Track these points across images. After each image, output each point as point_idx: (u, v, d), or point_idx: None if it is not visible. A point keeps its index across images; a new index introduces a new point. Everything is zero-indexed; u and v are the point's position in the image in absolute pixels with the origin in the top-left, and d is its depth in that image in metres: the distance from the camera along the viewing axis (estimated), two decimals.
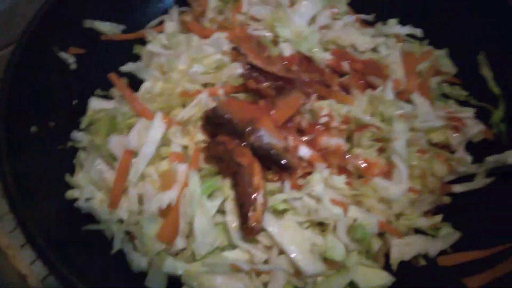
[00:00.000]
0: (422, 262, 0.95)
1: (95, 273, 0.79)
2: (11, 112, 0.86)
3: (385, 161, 1.00)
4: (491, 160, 1.02)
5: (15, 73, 0.91)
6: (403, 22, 1.25)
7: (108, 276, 0.82)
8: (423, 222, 0.98)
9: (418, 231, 0.99)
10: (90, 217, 0.92)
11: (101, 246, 0.90)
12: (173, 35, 1.20)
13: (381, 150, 1.02)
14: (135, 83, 1.13)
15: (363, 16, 1.30)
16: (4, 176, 0.76)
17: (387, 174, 0.99)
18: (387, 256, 0.96)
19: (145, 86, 1.07)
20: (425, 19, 1.24)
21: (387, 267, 0.95)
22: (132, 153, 0.93)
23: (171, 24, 1.24)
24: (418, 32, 1.23)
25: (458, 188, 1.04)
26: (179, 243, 0.88)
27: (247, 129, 0.94)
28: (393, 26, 1.23)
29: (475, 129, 1.09)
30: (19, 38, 0.95)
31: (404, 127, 0.97)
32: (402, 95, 1.10)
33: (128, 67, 1.09)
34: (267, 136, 0.94)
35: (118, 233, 0.89)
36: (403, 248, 0.95)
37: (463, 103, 1.18)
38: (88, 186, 0.93)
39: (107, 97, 1.13)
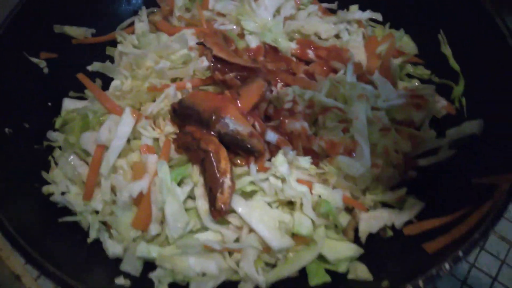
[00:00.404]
0: (390, 233, 0.99)
1: (74, 262, 0.83)
2: None
3: (350, 140, 1.04)
4: (452, 132, 1.06)
5: None
6: (364, 7, 1.29)
7: (86, 264, 0.85)
8: (389, 196, 1.01)
9: (384, 204, 1.03)
10: (67, 210, 0.96)
11: (79, 237, 0.93)
12: (143, 35, 1.25)
13: (346, 130, 1.06)
14: (108, 82, 1.17)
15: (326, 5, 1.34)
16: None
17: (351, 152, 1.03)
18: (356, 231, 1.00)
19: (114, 84, 1.12)
20: (385, 3, 1.28)
21: (357, 240, 0.99)
22: (104, 148, 0.97)
23: (140, 24, 1.28)
24: (378, 16, 1.27)
25: (423, 162, 1.07)
26: (153, 229, 0.92)
27: (212, 118, 0.98)
28: (354, 12, 1.27)
29: (438, 105, 1.12)
30: None
31: (363, 107, 1.01)
32: (364, 77, 1.14)
33: (95, 66, 1.13)
34: (232, 123, 0.98)
35: (93, 224, 0.93)
36: (371, 221, 0.99)
37: (427, 82, 1.22)
38: (63, 181, 0.97)
39: (82, 98, 1.17)
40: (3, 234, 0.77)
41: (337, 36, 1.28)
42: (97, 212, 0.96)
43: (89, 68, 1.13)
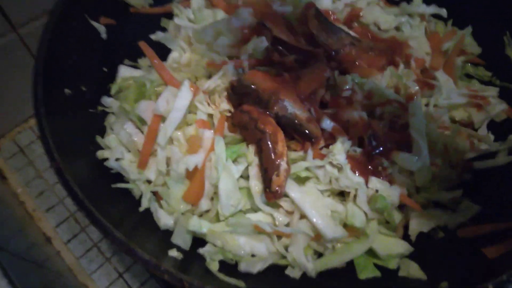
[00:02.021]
0: (441, 234, 0.96)
1: (127, 225, 0.83)
2: (47, 74, 0.89)
3: (408, 136, 1.01)
4: None
5: (51, 37, 0.94)
6: (428, 1, 1.25)
7: (138, 231, 0.85)
8: (443, 196, 0.99)
9: (438, 204, 1.00)
10: (120, 176, 0.96)
11: (130, 204, 0.93)
12: (199, 9, 1.23)
13: (404, 126, 1.03)
14: (161, 54, 1.16)
15: None
16: (43, 130, 0.80)
17: (409, 147, 1.00)
18: (406, 228, 0.98)
19: (172, 56, 1.10)
20: None
21: (406, 238, 0.96)
22: (160, 118, 0.96)
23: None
24: (443, 11, 1.23)
25: (479, 165, 1.04)
26: (204, 204, 0.92)
27: (271, 99, 0.97)
28: (418, 5, 1.24)
29: (498, 107, 1.09)
30: (54, 6, 0.99)
31: (419, 104, 0.98)
32: (427, 73, 1.11)
33: (158, 36, 1.12)
34: (291, 106, 0.96)
35: (146, 193, 0.93)
36: (423, 220, 0.97)
37: (486, 84, 1.18)
38: (118, 147, 0.96)
39: (135, 67, 1.16)
40: (68, 192, 0.76)
41: (397, 29, 1.24)
42: (149, 182, 0.95)
43: (152, 37, 1.12)
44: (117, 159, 0.95)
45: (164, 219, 0.90)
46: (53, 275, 1.20)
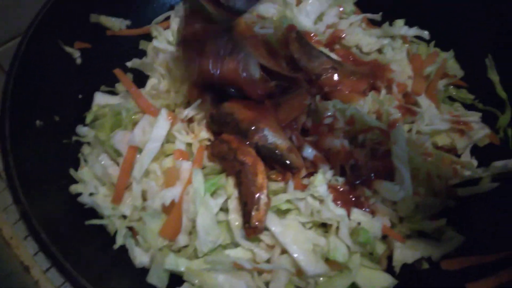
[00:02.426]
0: (425, 265, 0.94)
1: (97, 268, 0.79)
2: (16, 105, 0.86)
3: (390, 164, 0.99)
4: (499, 165, 1.01)
5: (20, 66, 0.91)
6: (410, 23, 1.24)
7: (110, 272, 0.81)
8: (427, 225, 0.97)
9: (421, 233, 0.99)
10: (93, 212, 0.92)
11: (104, 241, 0.90)
12: (178, 31, 1.20)
13: (386, 153, 1.02)
14: (140, 78, 1.13)
15: (369, 15, 1.29)
16: (9, 169, 0.76)
17: (391, 177, 0.99)
18: (390, 258, 0.96)
19: (151, 83, 1.07)
20: (432, 20, 1.23)
21: (389, 269, 0.94)
22: (136, 149, 0.93)
23: (177, 20, 1.23)
24: (425, 34, 1.22)
25: (463, 192, 1.03)
26: (182, 240, 0.88)
27: (251, 128, 0.94)
28: (400, 27, 1.22)
29: (481, 133, 1.08)
30: (25, 31, 0.95)
31: (402, 131, 0.97)
32: (409, 98, 1.10)
33: (134, 63, 1.09)
34: (271, 136, 0.94)
35: (120, 229, 0.89)
36: (406, 251, 0.95)
37: (469, 107, 1.17)
38: (92, 180, 0.93)
39: (112, 92, 1.13)
40: (30, 231, 0.73)
41: (379, 51, 1.23)
42: (124, 217, 0.92)
43: (129, 64, 1.08)
44: (91, 194, 0.91)
45: (140, 257, 0.87)
46: None
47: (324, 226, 0.95)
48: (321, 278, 0.89)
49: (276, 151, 0.93)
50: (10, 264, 1.21)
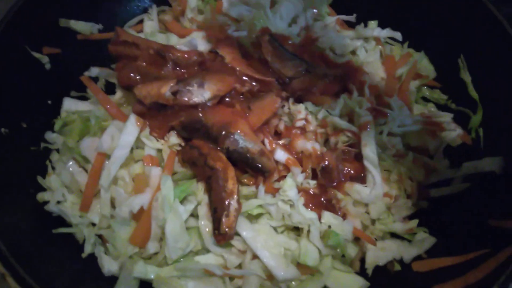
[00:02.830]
0: (397, 267, 0.95)
1: (66, 277, 0.78)
2: None
3: (362, 166, 1.00)
4: (469, 166, 1.02)
5: None
6: (384, 24, 1.24)
7: (79, 280, 0.80)
8: (399, 227, 0.98)
9: (394, 235, 0.99)
10: (62, 220, 0.91)
11: (73, 250, 0.88)
12: (152, 34, 1.19)
13: (358, 155, 1.02)
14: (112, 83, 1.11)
15: (344, 17, 1.29)
16: None
17: (363, 179, 0.99)
18: (363, 260, 0.96)
19: (120, 91, 1.05)
20: (405, 22, 1.24)
21: (363, 272, 0.95)
22: (105, 156, 0.92)
23: (150, 23, 1.23)
24: (397, 35, 1.22)
25: (435, 193, 1.04)
26: (151, 247, 0.88)
27: (222, 134, 0.93)
28: (373, 28, 1.22)
29: (453, 133, 1.09)
30: None
31: (372, 133, 0.97)
32: (382, 99, 1.10)
33: (93, 71, 1.06)
34: (242, 140, 0.93)
35: (89, 237, 0.88)
36: (378, 253, 0.95)
37: (442, 107, 1.18)
38: (60, 188, 0.92)
39: (83, 97, 1.11)
40: None
41: (352, 53, 1.23)
42: (93, 224, 0.91)
43: (86, 73, 1.05)
44: (58, 202, 0.90)
45: (108, 265, 0.86)
46: None
47: (296, 230, 0.95)
48: (293, 282, 0.90)
49: (248, 155, 0.92)
50: None
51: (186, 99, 0.95)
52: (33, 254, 0.76)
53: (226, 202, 0.86)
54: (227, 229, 0.84)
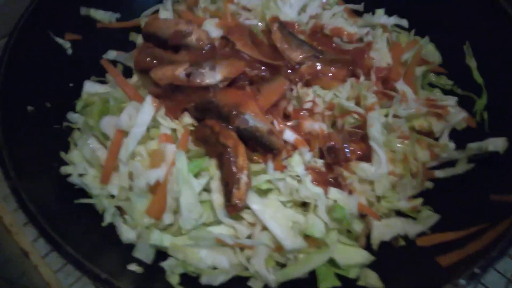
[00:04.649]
0: (402, 242, 0.98)
1: (86, 244, 0.83)
2: (8, 91, 0.90)
3: (367, 147, 1.03)
4: (473, 146, 1.04)
5: (11, 54, 0.95)
6: (390, 12, 1.28)
7: (99, 247, 0.86)
8: (404, 205, 1.01)
9: (399, 213, 1.02)
10: (83, 192, 0.97)
11: (93, 220, 0.94)
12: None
13: (364, 137, 1.05)
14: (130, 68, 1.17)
15: (352, 6, 1.33)
16: (1, 151, 0.80)
17: (369, 159, 1.03)
18: (368, 237, 1.00)
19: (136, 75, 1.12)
20: (411, 9, 1.27)
21: (368, 247, 0.98)
22: (123, 133, 0.97)
23: (165, 13, 1.28)
24: (403, 22, 1.25)
25: (440, 174, 1.06)
26: (167, 218, 0.92)
27: (232, 113, 0.98)
28: (380, 16, 1.26)
29: (458, 116, 1.11)
30: (16, 22, 0.99)
31: (378, 115, 1.00)
32: (388, 84, 1.13)
33: (111, 54, 1.12)
34: (252, 120, 0.98)
35: (108, 208, 0.93)
36: (384, 229, 0.98)
37: (448, 92, 1.21)
38: (81, 162, 0.97)
39: (102, 82, 1.17)
40: (22, 209, 0.77)
41: (360, 40, 1.27)
42: (112, 196, 0.96)
43: (105, 56, 1.12)
44: (80, 175, 0.96)
45: (127, 234, 0.91)
46: None
47: (303, 206, 0.99)
48: (300, 255, 0.94)
49: (257, 133, 0.97)
50: (10, 250, 1.26)
51: (198, 80, 1.00)
52: (59, 220, 0.82)
53: (237, 176, 0.91)
54: (237, 201, 0.89)
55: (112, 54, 1.11)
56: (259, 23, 1.24)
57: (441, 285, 0.74)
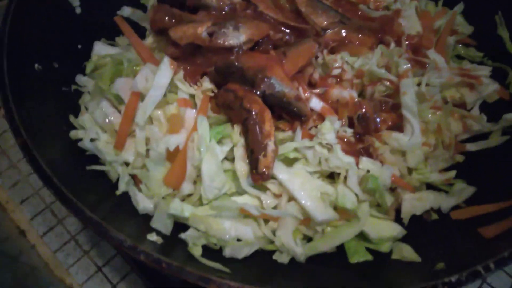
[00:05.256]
0: (435, 216, 0.93)
1: (100, 212, 0.76)
2: (14, 45, 0.82)
3: (399, 116, 0.97)
4: (509, 117, 0.99)
5: (17, 8, 0.87)
6: None
7: (113, 216, 0.79)
8: (436, 177, 0.95)
9: (430, 187, 0.97)
10: (95, 158, 0.90)
11: (105, 188, 0.87)
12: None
13: (396, 106, 0.99)
14: (140, 34, 1.09)
15: None
16: (7, 103, 0.73)
17: (400, 128, 0.97)
18: (398, 211, 0.94)
19: (152, 35, 1.04)
20: None
21: (397, 221, 0.93)
22: (139, 96, 0.90)
23: None
24: None
25: (472, 147, 1.01)
26: (186, 188, 0.86)
27: (258, 77, 0.91)
28: None
29: (490, 88, 1.06)
30: None
31: (411, 82, 0.94)
32: (419, 52, 1.07)
33: (126, 11, 1.04)
34: (279, 84, 0.91)
35: (123, 176, 0.87)
36: (415, 203, 0.93)
37: (478, 65, 1.15)
38: (93, 127, 0.90)
39: (112, 45, 1.10)
40: (36, 171, 0.70)
41: (386, 8, 1.20)
42: (127, 164, 0.89)
43: (119, 12, 1.03)
44: (92, 140, 0.88)
45: (143, 203, 0.84)
46: (27, 269, 1.14)
47: (331, 177, 0.93)
48: (329, 228, 0.88)
49: (284, 99, 0.90)
50: (6, 228, 1.20)
51: (221, 41, 0.93)
52: (71, 187, 0.74)
53: (264, 143, 0.84)
54: (264, 169, 0.82)
55: (127, 11, 1.03)
56: None
57: (488, 259, 0.68)
